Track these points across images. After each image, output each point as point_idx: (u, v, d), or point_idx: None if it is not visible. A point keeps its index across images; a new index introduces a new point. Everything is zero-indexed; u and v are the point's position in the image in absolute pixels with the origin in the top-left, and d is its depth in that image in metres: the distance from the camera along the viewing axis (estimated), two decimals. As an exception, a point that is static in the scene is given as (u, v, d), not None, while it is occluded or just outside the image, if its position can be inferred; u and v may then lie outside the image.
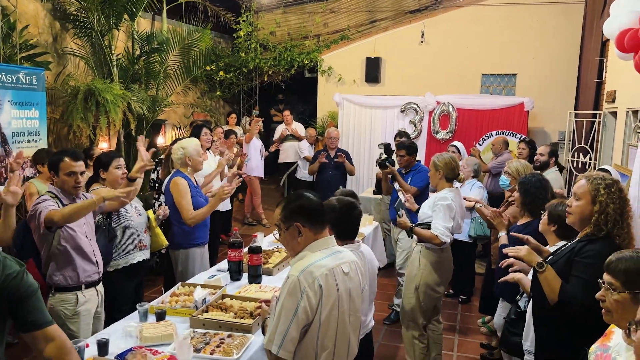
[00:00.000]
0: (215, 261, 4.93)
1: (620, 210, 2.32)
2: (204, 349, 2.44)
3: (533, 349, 2.51)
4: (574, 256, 2.35)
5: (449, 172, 3.69)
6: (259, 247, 3.49)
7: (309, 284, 1.97)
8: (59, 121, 6.02)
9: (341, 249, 2.20)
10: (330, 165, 6.84)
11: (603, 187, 2.33)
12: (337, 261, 2.10)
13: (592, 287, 1.97)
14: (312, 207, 2.10)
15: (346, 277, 2.11)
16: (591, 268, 2.18)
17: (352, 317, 2.15)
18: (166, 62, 7.05)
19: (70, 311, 2.99)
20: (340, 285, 2.07)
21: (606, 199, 2.31)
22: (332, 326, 2.05)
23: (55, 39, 6.33)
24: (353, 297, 2.14)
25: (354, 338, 2.19)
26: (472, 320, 5.04)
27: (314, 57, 9.23)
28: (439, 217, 3.55)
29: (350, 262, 2.17)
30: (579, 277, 2.29)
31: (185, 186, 3.89)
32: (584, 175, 2.47)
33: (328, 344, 2.05)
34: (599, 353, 1.86)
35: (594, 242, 2.33)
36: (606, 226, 2.31)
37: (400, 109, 7.87)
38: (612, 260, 1.83)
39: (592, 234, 2.36)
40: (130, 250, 3.61)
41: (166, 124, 7.92)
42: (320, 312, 2.00)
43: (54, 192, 3.01)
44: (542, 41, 8.06)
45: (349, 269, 2.14)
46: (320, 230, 2.11)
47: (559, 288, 2.30)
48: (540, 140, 7.58)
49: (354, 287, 2.15)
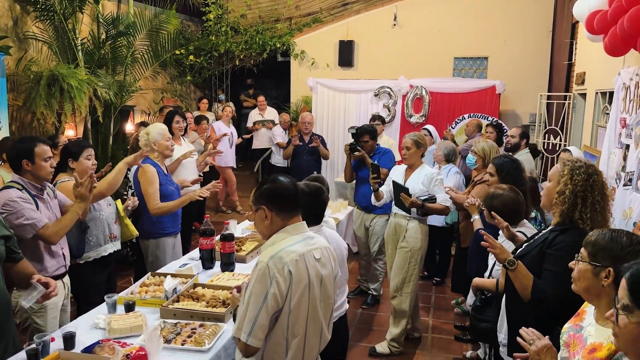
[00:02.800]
0: (189, 250, 4.86)
1: (583, 194, 2.26)
2: (174, 340, 2.39)
3: (506, 341, 2.51)
4: (546, 247, 2.32)
5: (424, 148, 4.08)
6: (232, 234, 3.44)
7: (278, 270, 1.94)
8: (22, 108, 5.80)
9: (313, 235, 2.16)
10: (305, 150, 6.79)
11: (569, 168, 2.30)
12: (308, 247, 2.07)
13: (564, 280, 1.97)
14: (281, 192, 2.05)
15: (317, 263, 2.08)
16: (563, 261, 2.11)
17: (323, 303, 2.11)
18: (133, 46, 6.84)
19: (37, 305, 2.88)
20: (311, 271, 2.04)
21: (566, 180, 2.28)
22: (302, 313, 2.02)
23: (15, 22, 6.07)
24: (325, 284, 2.12)
25: (326, 325, 2.17)
26: (446, 301, 5.10)
27: (286, 40, 9.09)
28: (441, 190, 3.98)
29: (323, 248, 2.15)
30: (551, 271, 2.26)
31: (153, 174, 3.77)
32: (560, 157, 2.47)
33: (299, 331, 2.02)
34: (572, 333, 1.87)
35: (565, 233, 2.30)
36: (562, 207, 2.28)
37: (374, 93, 7.84)
38: (590, 233, 1.86)
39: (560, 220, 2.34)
40: (102, 242, 3.51)
41: (135, 110, 7.72)
42: (290, 298, 1.97)
43: (19, 182, 2.86)
44: (514, 24, 8.10)
45: (320, 254, 2.11)
46: (290, 216, 2.08)
47: (531, 285, 2.26)
48: (512, 122, 7.65)
49: (326, 274, 2.13)
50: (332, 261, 2.20)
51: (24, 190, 2.83)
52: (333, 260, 2.20)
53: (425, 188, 3.98)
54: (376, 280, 5.01)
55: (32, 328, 2.86)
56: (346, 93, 8.08)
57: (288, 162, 7.24)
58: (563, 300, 2.09)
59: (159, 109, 7.10)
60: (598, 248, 1.79)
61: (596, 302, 1.81)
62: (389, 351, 4.09)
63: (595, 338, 1.74)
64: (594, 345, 1.72)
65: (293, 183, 2.13)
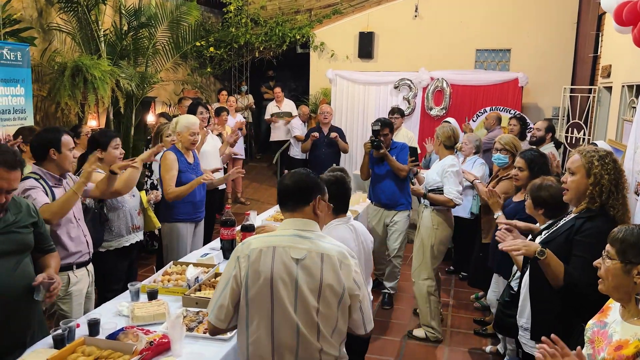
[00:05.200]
0: (210, 239, 4.90)
1: (615, 181, 2.28)
2: (196, 328, 2.42)
3: (529, 325, 2.49)
4: (574, 234, 2.30)
5: (446, 140, 4.07)
6: (252, 225, 3.46)
7: (243, 253, 1.94)
8: (46, 99, 5.90)
9: (313, 236, 1.96)
10: (323, 142, 6.77)
11: (597, 158, 2.29)
12: (290, 243, 1.92)
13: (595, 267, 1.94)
14: (279, 189, 2.07)
15: (295, 265, 1.89)
16: (593, 247, 2.11)
17: (301, 309, 1.89)
18: (155, 38, 6.90)
19: (62, 291, 2.93)
20: (278, 267, 1.89)
21: (600, 171, 2.28)
22: (262, 311, 1.90)
23: (40, 13, 6.15)
24: (301, 289, 1.88)
25: (314, 334, 1.90)
26: (466, 295, 5.06)
27: (306, 32, 9.06)
28: (450, 182, 3.96)
29: (318, 253, 1.91)
30: (583, 257, 2.23)
31: (172, 160, 3.87)
32: (577, 150, 2.43)
33: (260, 330, 1.92)
34: (596, 329, 1.85)
35: (593, 219, 2.29)
36: (600, 197, 2.28)
37: (394, 85, 7.78)
38: (614, 230, 1.83)
39: (588, 208, 2.32)
40: (124, 233, 3.55)
41: (156, 101, 7.79)
42: (247, 288, 1.90)
43: (38, 172, 2.90)
44: (538, 15, 7.95)
45: (304, 256, 1.90)
46: (286, 211, 2.04)
47: (562, 272, 2.24)
48: (534, 116, 7.54)
49: (306, 280, 1.88)
50: (326, 271, 1.90)
51: (41, 179, 2.87)
52: (331, 271, 1.90)
53: (439, 179, 4.04)
54: (394, 278, 4.90)
55: (57, 314, 2.93)
56: (366, 85, 8.03)
57: (306, 154, 7.23)
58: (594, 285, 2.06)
59: (178, 100, 7.16)
60: (627, 245, 1.76)
61: (626, 299, 1.78)
62: (425, 336, 4.20)
63: (621, 335, 1.72)
64: (620, 342, 1.70)
65: (302, 176, 2.04)
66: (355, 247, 2.64)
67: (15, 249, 2.24)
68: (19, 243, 2.27)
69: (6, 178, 2.13)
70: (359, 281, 1.96)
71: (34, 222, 2.38)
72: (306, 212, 2.01)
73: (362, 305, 1.98)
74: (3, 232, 2.20)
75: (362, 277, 2.00)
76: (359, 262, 2.68)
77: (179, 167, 3.91)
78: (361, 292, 1.96)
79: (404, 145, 4.81)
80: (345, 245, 2.45)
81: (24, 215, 2.32)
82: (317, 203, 2.02)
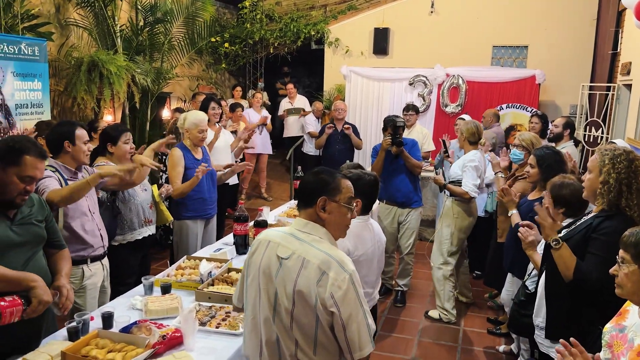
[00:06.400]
0: (222, 235, 4.92)
1: (627, 180, 2.25)
2: (209, 323, 2.43)
3: (545, 324, 2.47)
4: (591, 232, 2.30)
5: (470, 136, 4.31)
6: (265, 221, 3.46)
7: (254, 241, 2.04)
8: (63, 93, 5.96)
9: (307, 238, 1.88)
10: (337, 139, 6.74)
11: (610, 157, 2.29)
12: (281, 241, 1.90)
13: (608, 265, 1.92)
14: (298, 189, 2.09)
15: (277, 262, 1.86)
16: (607, 245, 2.12)
17: (277, 307, 1.85)
18: (170, 33, 6.93)
19: (77, 285, 2.96)
20: (264, 261, 1.90)
21: (609, 169, 2.27)
22: (251, 299, 1.96)
23: (57, 9, 6.21)
24: (279, 287, 1.84)
25: (287, 339, 1.85)
26: (479, 294, 5.02)
27: (320, 28, 9.04)
28: (468, 176, 4.19)
29: (300, 256, 1.83)
30: (595, 255, 2.25)
31: (178, 157, 3.88)
32: (597, 148, 2.42)
33: (247, 320, 2.00)
34: (615, 333, 1.81)
35: (611, 218, 2.27)
36: (608, 196, 2.27)
37: (409, 82, 7.73)
38: (625, 234, 1.80)
39: (607, 208, 2.30)
40: (136, 227, 3.57)
41: (171, 96, 7.83)
42: (247, 275, 2.01)
43: (54, 165, 2.93)
44: (556, 11, 7.83)
45: (288, 256, 1.85)
46: (298, 209, 1.98)
47: (574, 266, 2.26)
48: (552, 114, 7.42)
49: (284, 279, 1.83)
50: (301, 277, 1.79)
51: (56, 172, 2.90)
52: (305, 277, 1.79)
53: (460, 172, 4.27)
54: (407, 275, 4.86)
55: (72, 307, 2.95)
56: (380, 82, 7.99)
57: (320, 151, 7.21)
58: (605, 283, 2.03)
59: (192, 96, 7.19)
60: None
61: None
62: (439, 317, 4.47)
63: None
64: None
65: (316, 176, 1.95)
66: (371, 248, 2.63)
67: (31, 240, 2.27)
68: (35, 235, 2.30)
69: (40, 168, 2.25)
70: (339, 298, 1.75)
71: (45, 217, 2.41)
72: (309, 214, 1.92)
73: (346, 326, 1.77)
74: (20, 223, 2.23)
75: (354, 295, 1.78)
76: (371, 263, 2.61)
77: (185, 164, 3.92)
78: (342, 311, 1.76)
79: (415, 143, 4.77)
80: (361, 245, 2.41)
81: (37, 209, 2.36)
82: (324, 204, 1.89)
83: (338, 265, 1.79)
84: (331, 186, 1.91)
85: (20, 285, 2.10)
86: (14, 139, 2.27)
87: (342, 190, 1.92)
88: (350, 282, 1.78)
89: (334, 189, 1.91)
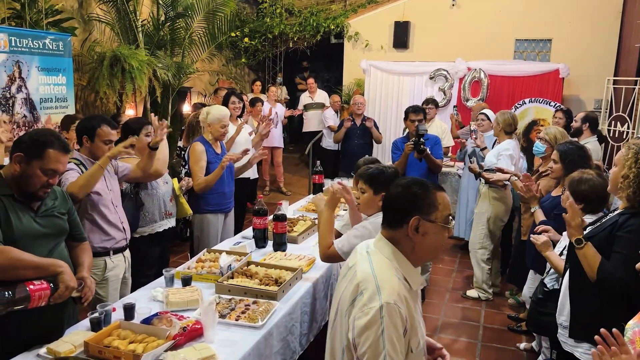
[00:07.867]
0: (241, 228, 4.94)
1: None
2: (229, 315, 2.44)
3: (568, 323, 2.43)
4: (616, 230, 2.25)
5: (506, 127, 4.51)
6: (284, 215, 3.46)
7: None
8: (86, 88, 6.04)
9: (374, 258, 1.68)
10: (356, 133, 6.72)
11: (634, 152, 2.24)
12: (359, 249, 1.80)
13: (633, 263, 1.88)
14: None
15: (347, 268, 1.77)
16: (632, 243, 2.07)
17: (333, 308, 1.79)
18: (191, 28, 6.97)
19: (99, 276, 3.01)
20: (345, 262, 1.91)
21: (630, 164, 2.22)
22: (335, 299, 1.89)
23: (80, 4, 6.29)
24: (335, 295, 1.79)
25: (332, 340, 1.77)
26: (500, 291, 4.96)
27: (340, 22, 8.99)
28: (502, 164, 4.32)
29: (355, 269, 1.69)
30: (620, 253, 2.20)
31: (201, 152, 3.90)
32: (627, 143, 2.36)
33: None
34: (637, 329, 1.78)
35: (636, 216, 2.22)
36: (627, 190, 2.22)
37: (430, 76, 7.65)
38: None
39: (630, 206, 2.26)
40: (157, 219, 3.60)
41: (192, 91, 7.88)
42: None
43: (79, 159, 2.98)
44: (580, 4, 7.66)
45: (353, 265, 1.73)
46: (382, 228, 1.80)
47: (597, 265, 2.21)
48: (576, 108, 7.27)
49: (339, 288, 1.75)
50: (347, 291, 1.67)
51: (81, 165, 2.94)
52: (348, 293, 1.66)
53: (495, 160, 4.43)
54: (425, 271, 4.81)
55: (94, 299, 2.99)
56: (400, 76, 7.92)
57: (339, 145, 7.19)
58: (628, 282, 1.99)
59: (214, 91, 7.22)
60: None
61: None
62: (477, 296, 4.73)
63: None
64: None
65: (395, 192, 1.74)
66: None
67: (54, 232, 2.31)
68: (58, 227, 2.34)
69: (62, 162, 2.27)
70: (359, 326, 1.51)
71: (68, 209, 2.44)
72: (396, 234, 1.64)
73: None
74: (44, 215, 2.27)
75: (377, 333, 1.48)
76: None
77: (208, 158, 3.94)
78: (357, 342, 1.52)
79: (437, 140, 4.71)
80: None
81: (60, 202, 2.40)
82: (417, 224, 1.59)
83: (375, 288, 1.54)
84: (426, 202, 1.60)
85: (48, 270, 2.13)
86: (38, 133, 2.31)
87: (438, 206, 1.61)
88: (380, 314, 1.48)
89: (429, 206, 1.60)
